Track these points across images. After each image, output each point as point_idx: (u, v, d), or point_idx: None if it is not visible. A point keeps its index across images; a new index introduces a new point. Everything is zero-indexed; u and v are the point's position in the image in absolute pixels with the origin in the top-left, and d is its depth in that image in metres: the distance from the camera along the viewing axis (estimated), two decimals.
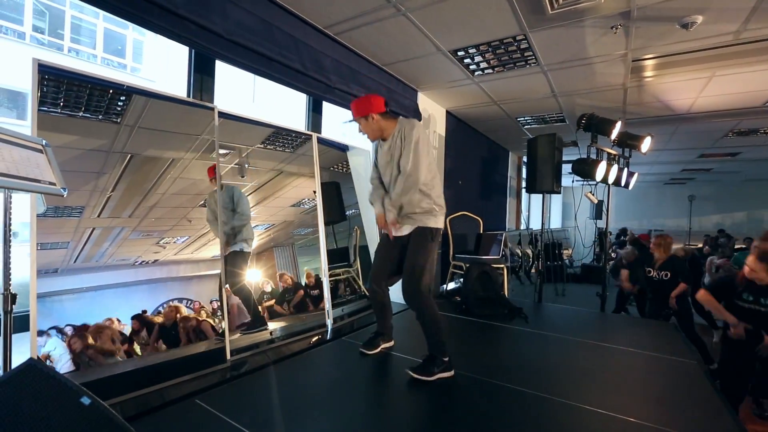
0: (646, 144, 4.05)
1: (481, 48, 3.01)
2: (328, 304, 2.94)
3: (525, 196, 8.62)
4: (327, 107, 3.43)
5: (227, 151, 2.49)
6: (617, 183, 4.39)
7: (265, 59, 2.40)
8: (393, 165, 2.15)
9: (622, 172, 4.36)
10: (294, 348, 2.41)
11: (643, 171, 9.09)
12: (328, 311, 2.93)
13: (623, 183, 4.58)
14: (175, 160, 2.16)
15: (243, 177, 2.60)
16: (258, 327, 2.45)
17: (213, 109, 2.32)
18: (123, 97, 1.94)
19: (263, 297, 2.59)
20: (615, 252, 8.21)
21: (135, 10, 1.80)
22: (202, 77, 2.46)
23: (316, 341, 2.57)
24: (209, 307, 2.22)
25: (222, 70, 2.56)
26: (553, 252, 6.83)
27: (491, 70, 3.44)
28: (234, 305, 2.38)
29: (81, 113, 1.81)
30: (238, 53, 2.26)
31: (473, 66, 3.38)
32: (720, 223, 11.25)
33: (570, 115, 4.76)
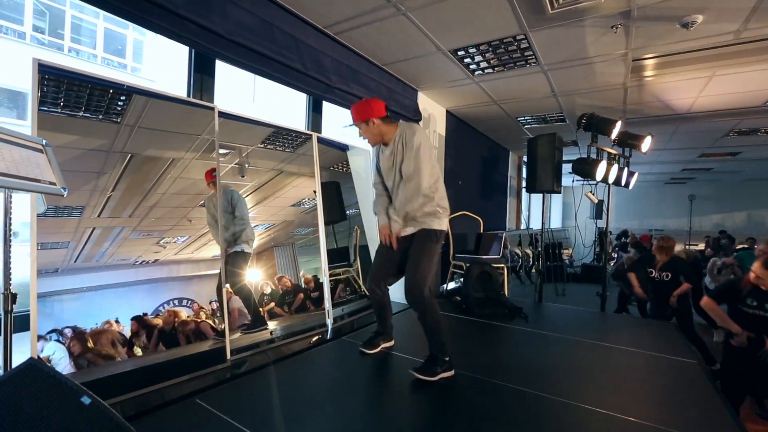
0: (646, 144, 4.04)
1: (482, 48, 3.01)
2: (328, 303, 2.94)
3: (525, 195, 8.62)
4: (327, 107, 3.43)
5: (227, 151, 2.49)
6: (617, 183, 4.38)
7: (265, 59, 2.40)
8: (395, 170, 2.15)
9: (622, 171, 4.36)
10: (294, 348, 2.41)
11: (644, 171, 9.09)
12: (328, 311, 2.93)
13: (623, 183, 4.58)
14: (175, 159, 2.16)
15: (243, 177, 2.60)
16: (258, 327, 2.45)
17: (213, 109, 2.32)
18: (123, 97, 1.94)
19: (264, 299, 2.59)
20: (616, 253, 8.21)
21: (135, 10, 1.80)
22: (202, 77, 2.47)
23: (316, 341, 2.57)
24: (209, 308, 2.22)
25: (222, 69, 2.56)
26: (553, 252, 6.83)
27: (491, 69, 3.44)
28: (235, 309, 2.38)
29: (81, 113, 1.81)
30: (238, 53, 2.26)
31: (473, 65, 3.38)
32: (720, 224, 11.24)
33: (570, 115, 4.76)
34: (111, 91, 1.90)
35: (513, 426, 1.63)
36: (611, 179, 4.09)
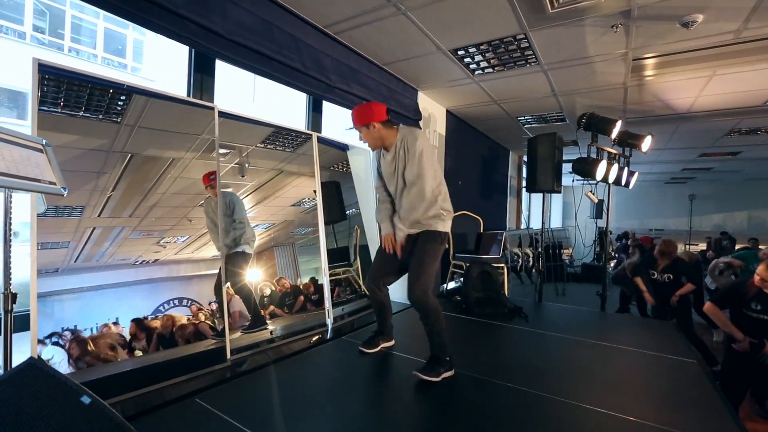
0: (646, 143, 4.04)
1: (482, 47, 3.01)
2: (328, 303, 2.94)
3: (525, 195, 8.62)
4: (327, 107, 3.43)
5: (227, 151, 2.49)
6: (617, 182, 4.38)
7: (265, 58, 2.40)
8: (398, 176, 2.15)
9: (622, 171, 4.36)
10: (294, 347, 2.41)
11: (644, 170, 9.08)
12: (328, 310, 2.93)
13: (623, 182, 4.58)
14: (176, 159, 2.16)
15: (243, 176, 2.60)
16: (258, 327, 2.45)
17: (213, 109, 2.32)
18: (123, 97, 1.94)
19: (264, 301, 2.58)
20: (617, 254, 8.20)
21: (135, 9, 1.80)
22: (202, 77, 2.47)
23: (316, 340, 2.58)
24: (208, 309, 2.22)
25: (222, 69, 2.56)
26: (554, 252, 6.83)
27: (491, 69, 3.44)
28: (236, 312, 2.38)
29: (81, 113, 1.81)
30: (238, 53, 2.26)
31: (473, 65, 3.38)
32: (721, 224, 11.23)
33: (570, 115, 4.75)
34: (111, 91, 1.90)
35: (513, 425, 1.64)
36: (611, 179, 4.09)
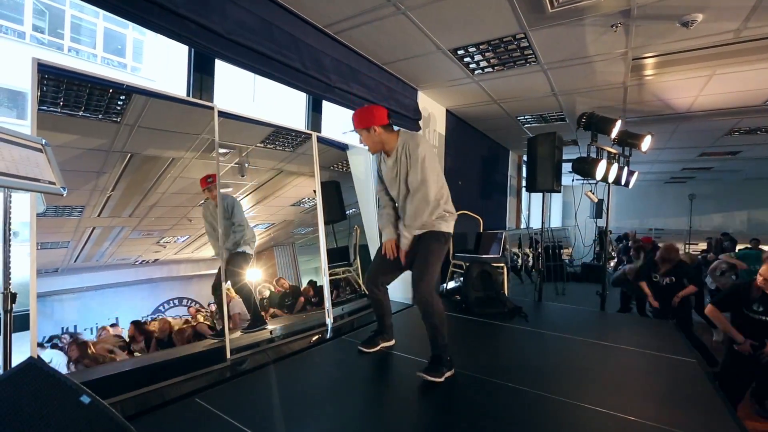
0: (646, 143, 4.04)
1: (481, 47, 3.01)
2: (328, 303, 2.94)
3: (525, 195, 8.62)
4: (327, 106, 3.43)
5: (227, 151, 2.49)
6: (617, 182, 4.38)
7: (265, 58, 2.40)
8: (400, 182, 2.15)
9: (622, 170, 4.36)
10: (294, 347, 2.41)
11: (644, 170, 9.08)
12: (328, 310, 2.93)
13: (623, 182, 4.58)
14: (175, 159, 2.16)
15: (243, 176, 2.60)
16: (258, 326, 2.45)
17: (213, 109, 2.32)
18: (123, 97, 1.94)
19: (264, 303, 2.58)
20: (617, 255, 8.19)
21: (135, 9, 1.80)
22: (201, 76, 2.46)
23: (316, 340, 2.58)
24: (208, 310, 2.21)
25: (222, 69, 2.56)
26: (553, 252, 6.82)
27: (491, 69, 3.44)
28: (236, 315, 2.38)
29: (81, 113, 1.81)
30: (237, 52, 2.26)
31: (473, 65, 3.37)
32: (721, 225, 11.23)
33: (570, 114, 4.75)
34: (111, 91, 1.90)
35: (513, 425, 1.64)
36: (611, 178, 4.09)
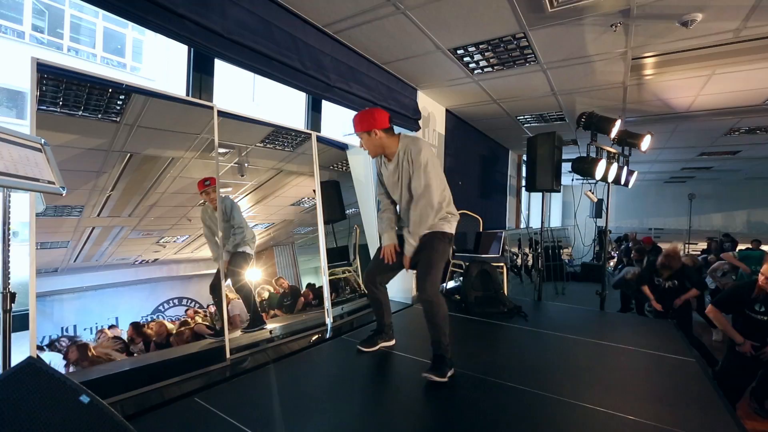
0: (645, 142, 4.04)
1: (481, 46, 3.01)
2: (327, 302, 2.94)
3: (525, 194, 8.62)
4: (326, 106, 3.43)
5: (227, 150, 2.49)
6: (617, 181, 4.39)
7: (265, 58, 2.39)
8: (402, 187, 2.15)
9: (621, 170, 4.36)
10: (293, 346, 2.41)
11: (643, 169, 9.09)
12: (327, 310, 2.93)
13: (623, 181, 4.58)
14: (175, 159, 2.16)
15: (243, 176, 2.60)
16: (257, 326, 2.45)
17: (212, 108, 2.32)
18: (122, 96, 1.94)
19: (263, 304, 2.58)
20: (615, 254, 8.17)
21: (134, 9, 1.80)
22: (201, 76, 2.46)
23: (315, 340, 2.58)
24: (207, 311, 2.21)
25: (221, 68, 2.56)
26: (553, 252, 6.82)
27: (491, 68, 3.44)
28: (236, 316, 2.38)
29: (80, 112, 1.81)
30: (237, 52, 2.25)
31: (473, 64, 3.37)
32: (721, 226, 11.23)
33: (570, 114, 4.75)
34: (110, 91, 1.90)
35: (512, 424, 1.64)
36: (611, 178, 4.09)
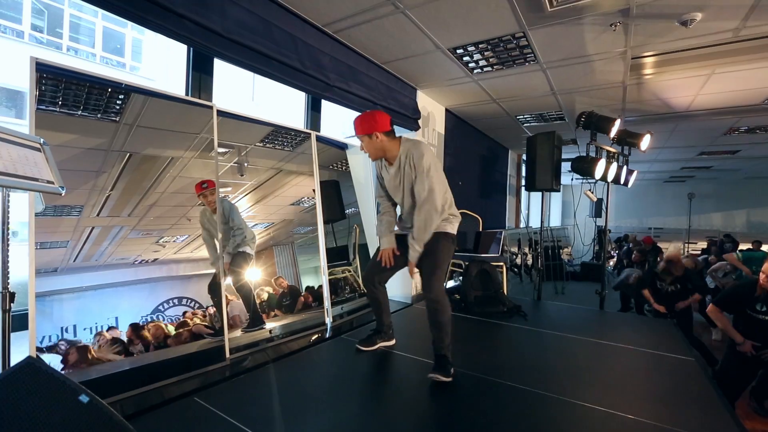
0: (645, 142, 4.04)
1: (480, 46, 3.00)
2: (327, 302, 2.94)
3: (524, 194, 8.62)
4: (326, 106, 3.42)
5: (226, 150, 2.49)
6: (617, 181, 4.39)
7: (264, 57, 2.39)
8: (404, 191, 2.15)
9: (621, 169, 4.36)
10: (293, 346, 2.41)
11: (643, 169, 9.09)
12: (327, 309, 2.93)
13: (623, 181, 4.58)
14: (174, 158, 2.16)
15: (242, 175, 2.60)
16: (257, 326, 2.45)
17: (212, 108, 2.32)
18: (122, 96, 1.94)
19: (263, 305, 2.57)
20: (615, 254, 8.17)
21: (134, 8, 1.79)
22: (200, 76, 2.46)
23: (315, 339, 2.58)
24: (206, 312, 2.20)
25: (221, 68, 2.55)
26: (552, 252, 6.82)
27: (490, 68, 3.44)
28: (236, 317, 2.38)
29: (79, 112, 1.81)
30: (236, 51, 2.25)
31: (472, 64, 3.37)
32: (720, 225, 11.23)
33: (569, 113, 4.75)
34: (109, 90, 1.90)
35: (511, 424, 1.64)
36: (610, 177, 4.09)
